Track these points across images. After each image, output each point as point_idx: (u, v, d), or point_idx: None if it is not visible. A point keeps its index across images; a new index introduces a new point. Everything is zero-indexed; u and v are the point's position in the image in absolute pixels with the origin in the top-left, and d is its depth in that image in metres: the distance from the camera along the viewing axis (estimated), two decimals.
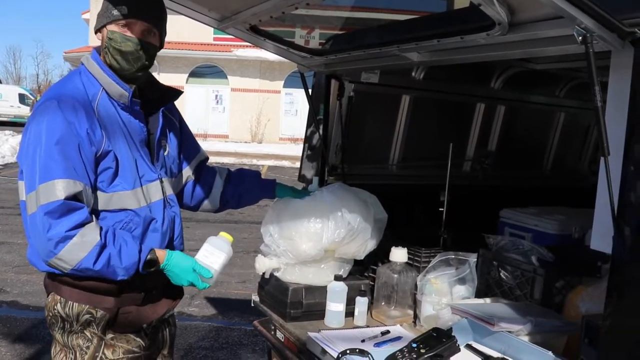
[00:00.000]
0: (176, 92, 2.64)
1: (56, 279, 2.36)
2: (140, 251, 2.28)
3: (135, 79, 2.41)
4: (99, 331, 2.38)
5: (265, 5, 2.65)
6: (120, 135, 2.34)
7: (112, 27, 2.33)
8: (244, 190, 2.95)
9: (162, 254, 2.36)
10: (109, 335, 2.42)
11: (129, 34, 2.33)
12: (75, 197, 2.18)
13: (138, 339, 2.49)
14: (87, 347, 2.38)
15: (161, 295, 2.57)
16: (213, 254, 2.44)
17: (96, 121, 2.26)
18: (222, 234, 2.51)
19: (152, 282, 2.44)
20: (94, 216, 2.25)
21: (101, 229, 2.24)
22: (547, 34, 2.03)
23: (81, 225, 2.17)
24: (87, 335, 2.38)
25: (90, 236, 2.18)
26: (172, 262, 2.36)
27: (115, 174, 2.31)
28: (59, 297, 2.38)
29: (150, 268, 2.32)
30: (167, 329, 2.73)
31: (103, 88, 2.34)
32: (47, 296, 2.45)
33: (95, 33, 2.42)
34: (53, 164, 2.16)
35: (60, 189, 2.14)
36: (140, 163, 2.39)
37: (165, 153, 2.57)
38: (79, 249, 2.16)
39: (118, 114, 2.36)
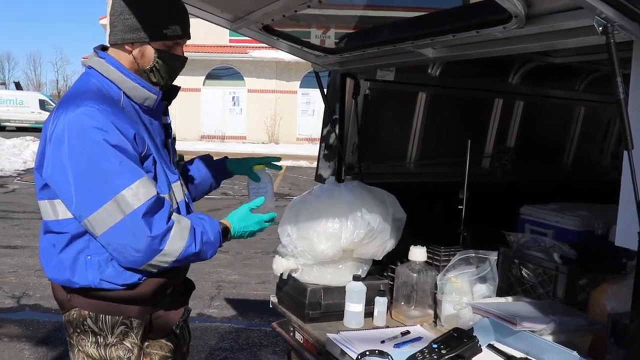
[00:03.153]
0: (176, 89, 2.52)
1: (78, 293, 2.25)
2: (217, 223, 2.32)
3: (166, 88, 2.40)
4: (139, 340, 2.33)
5: (277, 5, 2.63)
6: (149, 139, 2.28)
7: (159, 46, 2.26)
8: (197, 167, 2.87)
9: (227, 223, 2.39)
10: (145, 344, 2.38)
11: (178, 52, 2.31)
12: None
13: (169, 343, 2.47)
14: (128, 358, 2.31)
15: (181, 293, 2.54)
16: (261, 187, 2.71)
17: (136, 125, 2.20)
18: (255, 168, 2.74)
19: (172, 281, 2.38)
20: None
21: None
22: (566, 26, 1.99)
23: (171, 215, 2.16)
24: (127, 346, 2.31)
25: (183, 222, 2.18)
26: (238, 226, 2.40)
27: (155, 178, 2.25)
28: (87, 312, 2.27)
29: (225, 238, 2.34)
30: (187, 330, 2.68)
31: (123, 92, 2.24)
32: (67, 312, 2.33)
33: (123, 44, 2.26)
34: (128, 166, 2.09)
35: (148, 186, 2.11)
36: (164, 165, 2.34)
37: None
38: (179, 237, 2.14)
39: (140, 117, 2.28)
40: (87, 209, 2.08)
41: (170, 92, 2.46)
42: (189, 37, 2.34)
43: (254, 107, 30.66)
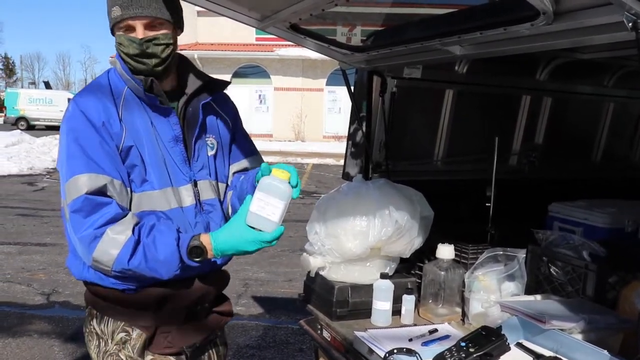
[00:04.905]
0: (219, 84, 2.39)
1: (94, 291, 2.21)
2: (177, 239, 2.03)
3: (157, 74, 2.18)
4: (135, 354, 2.20)
5: (304, 3, 2.63)
6: (146, 133, 2.15)
7: (117, 31, 2.15)
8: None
9: (207, 239, 2.05)
10: (148, 357, 2.24)
11: (132, 34, 2.13)
12: (101, 192, 2.01)
13: None
14: None
15: (207, 313, 2.40)
16: (269, 203, 2.00)
17: (116, 115, 2.10)
18: (275, 172, 2.04)
19: (196, 296, 2.27)
20: (130, 212, 2.09)
21: (137, 223, 2.05)
22: (595, 22, 1.97)
23: (112, 221, 2.00)
24: (122, 358, 2.20)
25: (121, 231, 1.99)
26: (223, 245, 2.04)
27: (145, 173, 2.14)
28: (95, 312, 2.23)
29: (198, 258, 2.03)
30: (214, 350, 2.50)
31: (127, 86, 2.18)
32: (86, 309, 2.31)
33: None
34: (74, 161, 2.03)
35: (81, 184, 1.99)
36: (170, 163, 2.19)
37: (212, 152, 2.35)
38: (110, 246, 1.98)
39: (145, 111, 2.18)
40: (61, 196, 2.12)
41: (209, 86, 2.33)
42: (135, 17, 2.11)
43: (281, 105, 30.72)
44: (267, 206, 2.00)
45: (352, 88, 3.65)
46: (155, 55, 2.14)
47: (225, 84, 2.44)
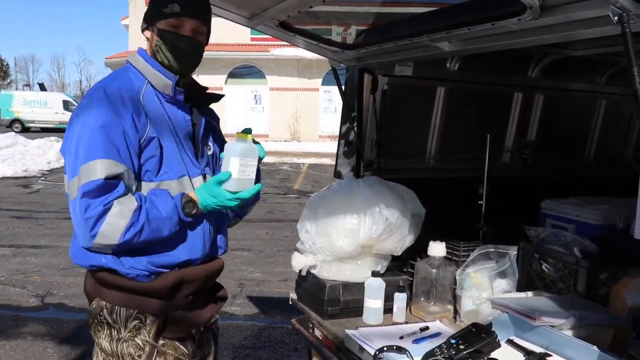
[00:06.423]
0: (216, 97, 2.58)
1: (101, 282, 2.28)
2: (172, 197, 2.21)
3: (184, 76, 2.37)
4: (151, 338, 2.30)
5: (292, 1, 2.63)
6: (165, 127, 2.28)
7: (162, 26, 2.29)
8: None
9: (195, 196, 2.26)
10: (160, 342, 2.33)
11: (181, 32, 2.29)
12: (115, 179, 2.11)
13: (182, 347, 2.40)
14: (139, 356, 2.29)
15: (206, 299, 2.51)
16: (247, 165, 2.27)
17: (142, 109, 2.22)
18: (239, 135, 2.32)
19: (191, 279, 2.35)
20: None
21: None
22: (581, 16, 1.97)
23: (118, 197, 2.11)
24: (139, 343, 2.29)
25: (128, 203, 2.11)
26: (208, 201, 2.24)
27: (160, 163, 2.25)
28: (104, 303, 2.29)
29: (192, 210, 2.23)
30: (212, 335, 2.67)
31: (148, 81, 2.29)
32: (90, 303, 2.36)
33: (143, 31, 2.39)
34: (95, 146, 2.09)
35: (101, 168, 2.07)
36: (184, 156, 2.32)
37: (210, 152, 2.50)
38: (119, 217, 2.08)
39: (163, 106, 2.30)
40: (67, 179, 2.18)
41: (210, 96, 2.55)
42: (191, 17, 2.29)
43: (276, 105, 30.72)
44: (246, 169, 2.26)
45: (343, 86, 3.64)
46: (192, 58, 2.36)
47: (221, 97, 2.59)
